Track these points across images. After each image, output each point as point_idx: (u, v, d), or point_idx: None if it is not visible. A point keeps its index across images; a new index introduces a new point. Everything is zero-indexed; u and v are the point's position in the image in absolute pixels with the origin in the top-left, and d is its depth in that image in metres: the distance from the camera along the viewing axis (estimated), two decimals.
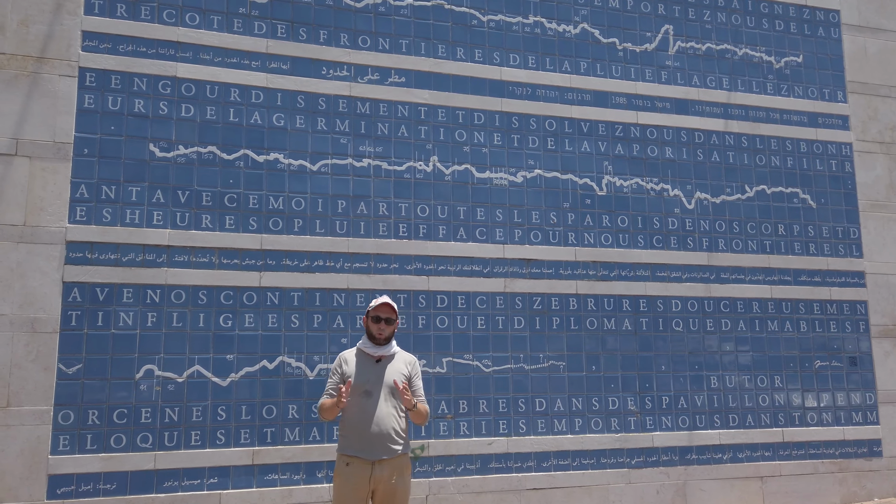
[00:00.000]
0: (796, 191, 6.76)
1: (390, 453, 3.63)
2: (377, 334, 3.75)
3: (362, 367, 3.72)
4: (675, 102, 6.57)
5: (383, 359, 3.76)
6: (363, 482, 3.58)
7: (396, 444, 3.66)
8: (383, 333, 3.75)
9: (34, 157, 4.98)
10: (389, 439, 3.63)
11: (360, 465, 3.59)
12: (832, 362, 6.55)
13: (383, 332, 3.75)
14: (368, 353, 3.76)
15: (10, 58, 5.04)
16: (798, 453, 6.30)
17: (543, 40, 6.32)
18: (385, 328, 3.75)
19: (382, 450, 3.62)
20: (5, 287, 4.80)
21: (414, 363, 3.88)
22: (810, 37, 7.10)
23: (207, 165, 5.34)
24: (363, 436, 3.61)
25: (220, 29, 5.53)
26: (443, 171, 5.87)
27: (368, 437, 3.61)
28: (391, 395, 3.70)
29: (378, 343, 3.76)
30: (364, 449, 3.61)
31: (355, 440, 3.63)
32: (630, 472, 5.85)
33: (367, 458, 3.60)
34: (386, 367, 3.74)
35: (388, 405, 3.67)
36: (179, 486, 4.92)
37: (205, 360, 5.12)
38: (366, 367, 3.73)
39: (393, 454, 3.63)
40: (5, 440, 4.66)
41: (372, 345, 3.76)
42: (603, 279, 6.10)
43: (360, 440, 3.62)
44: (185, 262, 5.18)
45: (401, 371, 3.76)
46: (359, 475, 3.59)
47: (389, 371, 3.74)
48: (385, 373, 3.72)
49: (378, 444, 3.61)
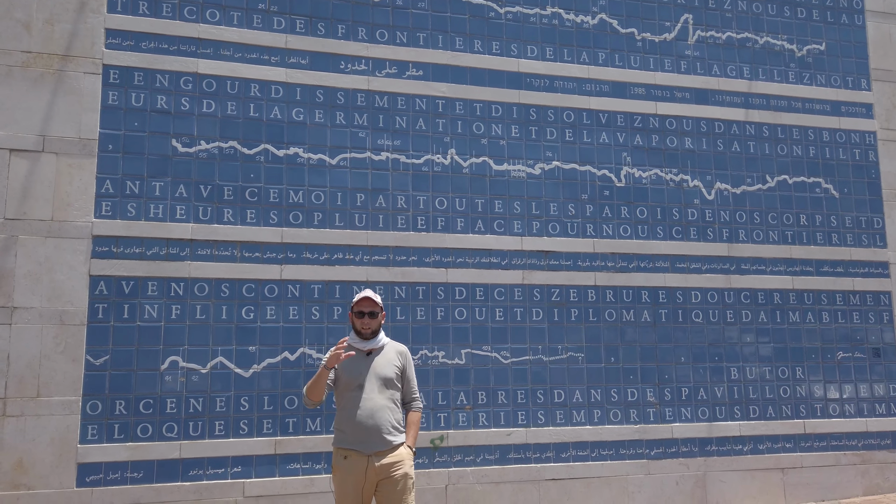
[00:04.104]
0: (818, 180, 6.68)
1: (386, 444, 3.64)
2: (362, 329, 3.77)
3: (353, 362, 3.73)
4: (694, 92, 6.52)
5: (373, 351, 3.78)
6: (360, 475, 3.60)
7: (392, 436, 3.67)
8: (369, 327, 3.76)
9: (61, 154, 5.09)
10: (385, 431, 3.64)
11: (357, 459, 3.61)
12: (855, 353, 6.48)
13: (369, 325, 3.76)
14: (358, 348, 3.77)
15: (37, 56, 5.15)
16: (820, 445, 6.26)
17: (561, 31, 6.31)
18: (369, 322, 3.76)
19: (378, 442, 3.63)
20: (34, 281, 4.92)
21: (405, 353, 3.89)
22: (833, 24, 6.99)
23: (229, 160, 5.42)
24: (358, 429, 3.62)
25: (240, 25, 5.59)
26: (461, 163, 5.90)
27: (364, 429, 3.62)
28: (384, 387, 3.71)
29: (365, 337, 3.78)
30: (360, 441, 3.62)
31: (351, 433, 3.64)
32: (649, 463, 5.86)
33: (363, 450, 3.61)
34: (377, 360, 3.76)
35: (382, 397, 3.69)
36: (204, 474, 5.03)
37: (228, 352, 5.21)
38: (357, 361, 3.74)
39: (388, 445, 3.64)
40: (36, 429, 4.80)
41: (360, 339, 3.78)
42: (622, 271, 6.09)
43: (355, 433, 3.63)
44: (208, 256, 5.27)
45: (392, 362, 3.78)
46: (356, 468, 3.60)
47: (381, 363, 3.75)
48: (377, 365, 3.74)
49: (374, 437, 3.62)
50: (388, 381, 3.73)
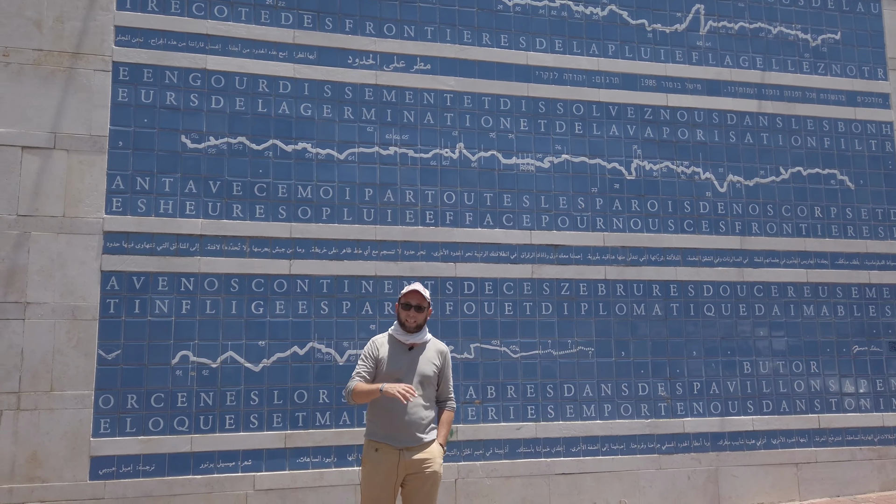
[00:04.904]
0: (833, 172, 6.58)
1: (418, 441, 3.64)
2: (406, 321, 3.74)
3: (395, 354, 3.71)
4: (706, 83, 6.45)
5: (415, 347, 3.75)
6: (392, 468, 3.59)
7: (424, 433, 3.67)
8: (414, 321, 3.73)
9: (72, 151, 5.14)
10: (418, 428, 3.64)
11: (389, 452, 3.60)
12: (871, 347, 6.39)
13: (414, 319, 3.73)
14: (400, 341, 3.75)
15: (47, 54, 5.19)
16: (835, 440, 6.18)
17: (570, 23, 6.26)
18: (415, 315, 3.73)
19: (411, 437, 3.62)
20: (47, 276, 4.98)
21: (446, 353, 3.85)
22: (849, 12, 6.87)
23: (237, 156, 5.45)
24: (393, 423, 3.61)
25: (248, 21, 5.60)
26: (469, 157, 5.88)
27: (399, 424, 3.61)
28: (422, 384, 3.69)
29: (409, 330, 3.75)
30: (392, 435, 3.61)
31: (385, 427, 3.63)
32: (660, 457, 5.82)
33: (395, 444, 3.60)
34: (418, 357, 3.73)
35: (418, 393, 3.66)
36: (215, 467, 5.07)
37: (238, 346, 5.25)
38: (398, 354, 3.72)
39: (420, 442, 3.64)
40: (49, 423, 4.86)
41: (403, 332, 3.75)
42: (632, 264, 6.05)
43: (389, 427, 3.62)
44: (218, 251, 5.30)
45: (433, 360, 3.75)
46: (388, 461, 3.59)
47: (421, 360, 3.72)
48: (417, 361, 3.71)
49: (407, 432, 3.62)
50: (427, 379, 3.70)
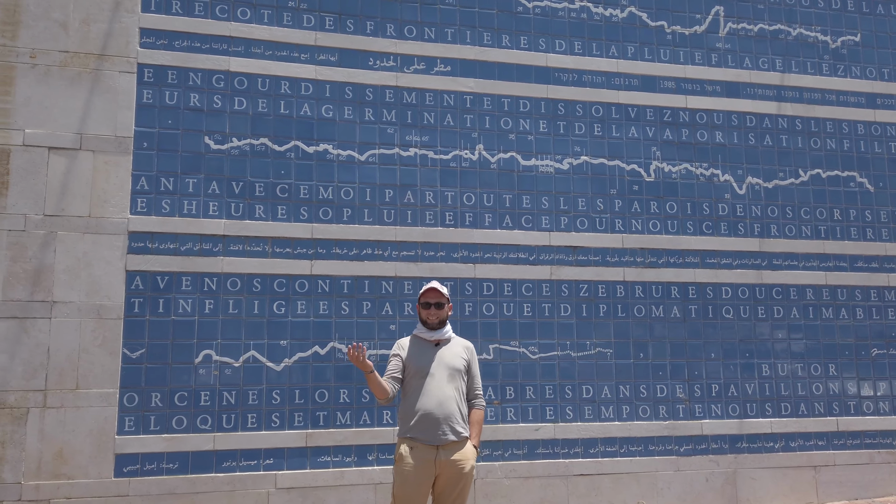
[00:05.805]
0: (853, 174, 6.57)
1: (455, 435, 3.58)
2: (427, 318, 3.78)
3: (421, 352, 3.74)
4: (725, 85, 6.45)
5: (441, 342, 3.78)
6: (429, 466, 3.53)
7: (460, 427, 3.62)
8: (437, 317, 3.77)
9: (97, 151, 5.20)
10: (454, 421, 3.59)
11: (425, 450, 3.55)
12: (889, 350, 6.37)
13: (436, 315, 3.77)
14: (426, 339, 3.78)
15: (73, 56, 5.26)
16: (853, 443, 6.17)
17: (590, 25, 6.27)
18: (436, 312, 3.77)
19: (448, 431, 3.57)
20: (73, 276, 5.04)
21: (471, 349, 3.89)
22: (869, 14, 6.85)
23: (260, 157, 5.49)
24: (427, 418, 3.57)
25: (270, 23, 5.65)
26: (488, 159, 5.90)
27: (432, 419, 3.56)
28: (452, 378, 3.68)
29: (432, 327, 3.79)
30: (428, 430, 3.56)
31: (419, 423, 3.58)
32: (679, 459, 5.83)
33: (431, 442, 3.55)
34: (445, 352, 3.75)
35: (450, 387, 3.65)
36: (237, 466, 5.12)
37: (260, 346, 5.29)
38: (424, 351, 3.74)
39: (458, 436, 3.59)
40: (75, 421, 4.92)
41: (426, 330, 3.79)
42: (651, 266, 6.06)
43: (423, 422, 3.57)
44: (240, 251, 5.36)
45: (460, 355, 3.78)
46: (424, 459, 3.53)
47: (448, 354, 3.74)
48: (444, 355, 3.73)
49: (443, 426, 3.56)
50: (456, 372, 3.71)
